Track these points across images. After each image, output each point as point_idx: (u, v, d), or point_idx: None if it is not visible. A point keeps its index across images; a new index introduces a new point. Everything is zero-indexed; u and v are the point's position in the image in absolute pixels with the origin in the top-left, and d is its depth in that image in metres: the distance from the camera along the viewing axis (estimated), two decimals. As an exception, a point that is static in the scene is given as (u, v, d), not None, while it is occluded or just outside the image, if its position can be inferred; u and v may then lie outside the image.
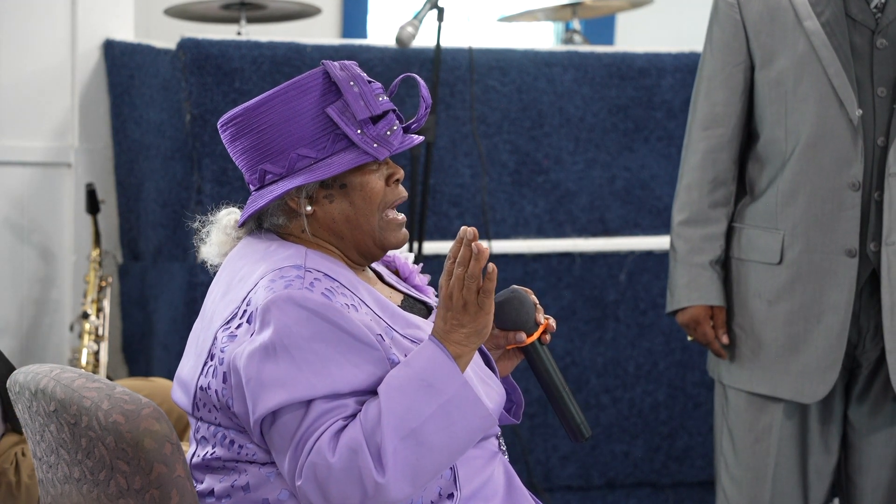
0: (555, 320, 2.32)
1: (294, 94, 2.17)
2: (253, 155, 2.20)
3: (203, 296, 4.21)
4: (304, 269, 2.14)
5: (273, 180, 2.20)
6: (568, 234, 4.32)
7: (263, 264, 2.17)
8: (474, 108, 4.21)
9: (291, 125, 2.17)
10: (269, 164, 2.19)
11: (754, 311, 3.15)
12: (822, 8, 3.05)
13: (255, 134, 2.19)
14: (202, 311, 2.28)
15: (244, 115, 2.19)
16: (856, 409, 3.17)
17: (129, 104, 4.50)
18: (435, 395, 2.06)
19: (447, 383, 2.07)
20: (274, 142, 2.18)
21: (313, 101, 2.18)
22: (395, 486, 2.03)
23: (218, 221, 2.31)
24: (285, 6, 4.70)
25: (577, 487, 4.33)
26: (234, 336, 2.12)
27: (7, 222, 4.53)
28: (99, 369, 4.29)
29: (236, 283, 2.19)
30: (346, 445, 2.03)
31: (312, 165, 2.17)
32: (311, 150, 2.17)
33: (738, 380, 3.19)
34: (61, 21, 4.56)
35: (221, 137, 2.25)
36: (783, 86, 3.09)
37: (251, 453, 2.14)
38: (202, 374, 2.16)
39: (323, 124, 2.18)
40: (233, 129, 2.21)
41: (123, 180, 4.59)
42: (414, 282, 2.41)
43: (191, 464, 2.21)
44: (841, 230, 3.06)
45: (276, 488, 2.13)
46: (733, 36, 3.14)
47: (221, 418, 2.15)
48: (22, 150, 4.53)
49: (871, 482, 3.18)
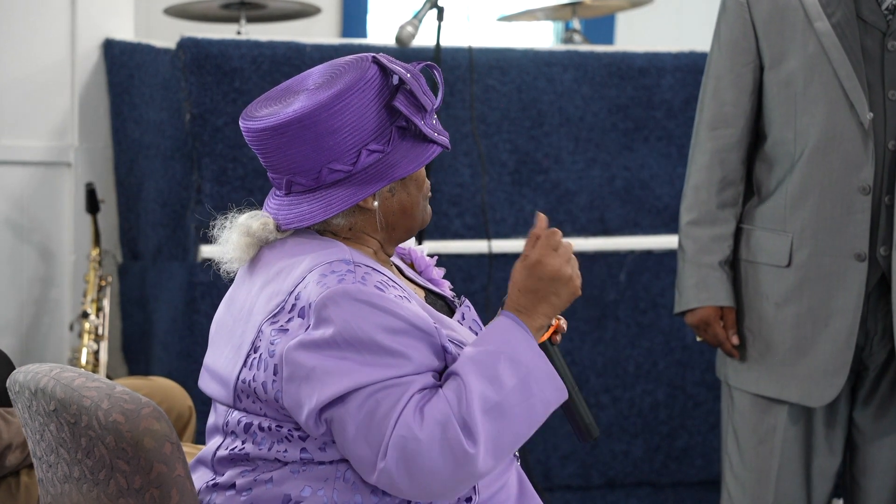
0: (566, 321, 2.32)
1: (362, 90, 2.13)
2: (319, 156, 2.14)
3: (202, 295, 4.19)
4: (353, 263, 2.13)
5: (337, 179, 2.16)
6: (567, 233, 4.32)
7: (307, 258, 2.15)
8: (474, 108, 4.21)
9: (360, 123, 2.13)
10: (337, 163, 2.15)
11: (762, 314, 3.14)
12: (832, 9, 3.02)
13: (322, 136, 2.13)
14: (229, 305, 2.25)
15: (306, 119, 2.12)
16: (861, 412, 3.16)
17: (129, 104, 4.50)
18: (515, 368, 2.07)
19: (526, 356, 2.09)
20: (346, 140, 2.13)
21: (376, 96, 2.14)
22: (483, 459, 2.04)
23: (241, 225, 2.23)
24: (285, 6, 4.70)
25: (577, 487, 4.33)
26: (286, 330, 2.10)
27: (7, 222, 4.53)
28: (99, 369, 4.29)
29: (274, 274, 2.17)
30: (434, 419, 2.03)
31: (381, 160, 2.15)
32: (377, 144, 2.15)
33: (746, 382, 3.17)
34: (61, 20, 4.56)
35: (260, 143, 2.17)
36: (792, 87, 3.07)
37: (281, 451, 2.13)
38: (245, 366, 2.15)
39: (386, 117, 2.15)
40: (290, 133, 2.13)
41: (123, 180, 4.59)
42: (430, 275, 2.41)
43: (216, 456, 2.20)
44: (850, 234, 3.04)
45: (298, 485, 2.12)
46: (742, 35, 3.12)
47: (267, 409, 2.14)
48: (22, 149, 4.53)
49: (876, 485, 3.17)
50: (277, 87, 2.24)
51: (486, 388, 2.05)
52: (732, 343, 3.16)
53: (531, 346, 2.11)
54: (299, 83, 2.21)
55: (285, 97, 2.19)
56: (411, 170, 2.15)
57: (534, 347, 2.11)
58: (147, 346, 4.44)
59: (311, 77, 2.21)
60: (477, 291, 4.19)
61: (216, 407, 2.25)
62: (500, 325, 2.13)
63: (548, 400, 2.10)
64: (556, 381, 2.11)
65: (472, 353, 2.09)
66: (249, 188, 4.05)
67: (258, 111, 2.19)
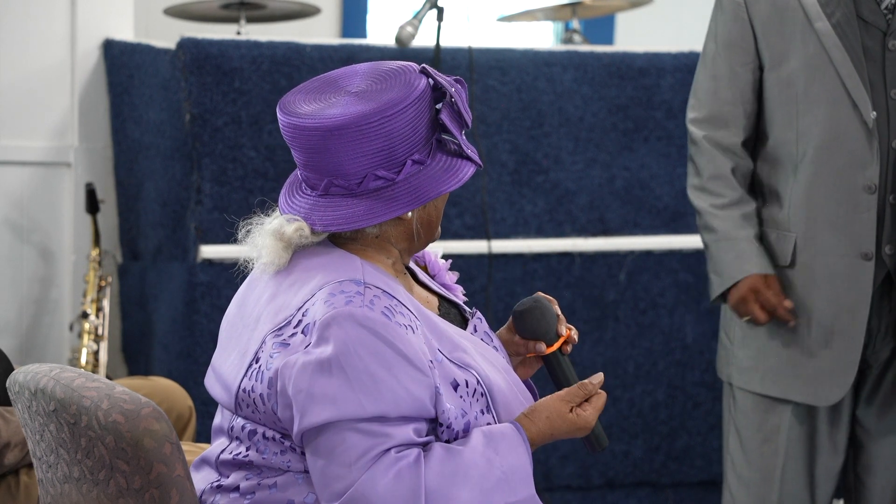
0: (576, 331, 2.31)
1: (419, 99, 2.11)
2: (368, 161, 2.12)
3: (202, 295, 4.20)
4: (364, 284, 2.11)
5: (381, 186, 2.13)
6: (567, 233, 4.32)
7: (319, 273, 2.13)
8: (474, 108, 4.21)
9: (414, 131, 2.12)
10: (383, 170, 2.12)
11: None
12: (832, 9, 3.02)
13: (378, 140, 2.11)
14: (240, 306, 2.24)
15: (361, 122, 2.09)
16: (865, 410, 3.16)
17: (129, 104, 4.50)
18: (508, 494, 2.09)
19: (523, 489, 2.11)
20: (396, 148, 2.11)
21: (426, 107, 2.13)
22: None
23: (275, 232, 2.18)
24: (285, 6, 4.70)
25: (577, 487, 4.33)
26: (287, 344, 2.09)
27: (7, 222, 4.53)
28: (98, 369, 4.29)
29: (286, 287, 2.16)
30: (406, 488, 2.02)
31: (422, 171, 2.13)
32: (420, 155, 2.13)
33: (750, 381, 3.17)
34: (61, 21, 4.56)
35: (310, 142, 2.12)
36: (793, 87, 3.07)
37: (286, 461, 2.13)
38: (246, 376, 2.14)
39: (431, 129, 2.14)
40: (346, 135, 2.10)
41: (123, 180, 4.59)
42: (443, 279, 2.40)
43: (219, 458, 2.20)
44: (856, 233, 3.03)
45: (303, 491, 2.12)
46: (741, 36, 3.11)
47: (265, 420, 2.13)
48: (22, 149, 4.53)
49: (881, 483, 3.18)
50: (319, 79, 2.21)
51: (474, 497, 2.06)
52: (787, 307, 3.09)
53: (529, 480, 2.12)
54: (345, 79, 2.18)
55: (328, 93, 2.16)
56: (453, 185, 2.13)
57: (530, 482, 2.12)
58: (147, 347, 4.44)
59: (356, 77, 2.18)
60: (477, 292, 4.19)
61: (222, 409, 2.25)
62: (514, 444, 2.13)
63: None
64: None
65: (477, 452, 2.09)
66: (249, 188, 4.05)
67: (301, 107, 2.15)
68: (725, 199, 3.14)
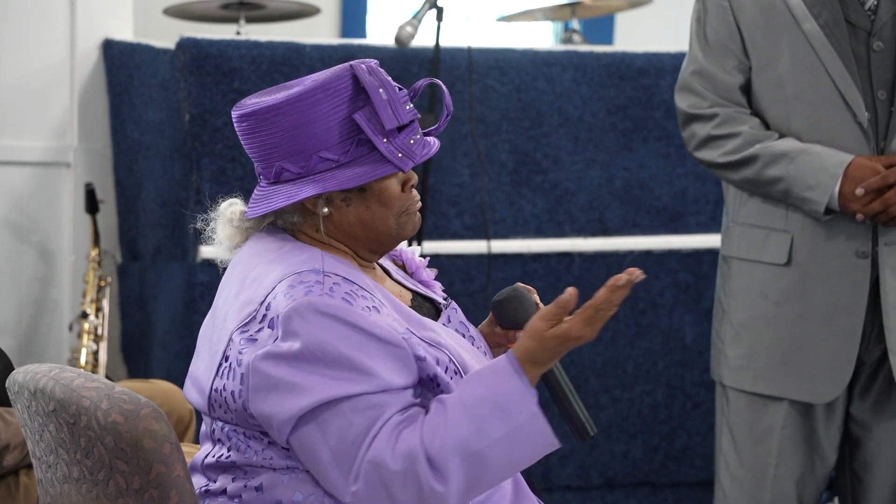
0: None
1: (322, 96, 2.12)
2: (272, 151, 2.16)
3: (202, 295, 4.20)
4: (323, 273, 2.11)
5: (290, 178, 2.16)
6: (567, 233, 4.32)
7: (279, 266, 2.15)
8: (473, 108, 4.21)
9: (317, 127, 2.13)
10: (288, 163, 2.15)
11: (760, 312, 3.14)
12: (818, 10, 3.02)
13: (278, 132, 2.14)
14: (213, 308, 2.25)
15: (268, 112, 2.14)
16: (859, 406, 3.16)
17: (129, 104, 4.50)
18: (506, 421, 2.05)
19: (521, 411, 2.06)
20: (296, 141, 2.13)
21: (341, 105, 2.13)
22: (453, 498, 2.04)
23: (221, 214, 2.28)
24: (284, 6, 4.70)
25: (576, 487, 4.33)
26: (254, 340, 2.09)
27: (6, 222, 4.53)
28: (98, 369, 4.29)
29: (249, 282, 2.17)
30: (401, 451, 2.02)
31: (334, 169, 2.13)
32: (333, 153, 2.13)
33: (742, 381, 3.17)
34: (60, 21, 4.56)
35: (236, 127, 2.20)
36: (783, 89, 3.07)
37: (268, 458, 2.13)
38: (217, 375, 2.15)
39: (348, 128, 2.13)
40: (252, 122, 2.16)
41: (122, 180, 4.59)
42: (421, 277, 2.39)
43: (204, 463, 2.20)
44: (852, 232, 3.04)
45: (289, 490, 2.12)
46: (729, 37, 3.11)
47: (237, 419, 2.13)
48: (21, 149, 4.53)
49: (878, 479, 3.18)
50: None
51: (470, 433, 2.04)
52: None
53: (527, 401, 2.07)
54: (298, 80, 2.21)
55: (275, 91, 2.19)
56: (348, 184, 2.12)
57: (530, 402, 2.07)
58: (146, 347, 4.44)
59: (308, 77, 2.21)
60: (476, 292, 4.19)
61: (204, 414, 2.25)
62: (501, 371, 2.09)
63: (536, 453, 2.09)
64: (546, 438, 2.08)
65: (467, 393, 2.07)
66: (249, 188, 4.01)
67: (248, 100, 2.21)
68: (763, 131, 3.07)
